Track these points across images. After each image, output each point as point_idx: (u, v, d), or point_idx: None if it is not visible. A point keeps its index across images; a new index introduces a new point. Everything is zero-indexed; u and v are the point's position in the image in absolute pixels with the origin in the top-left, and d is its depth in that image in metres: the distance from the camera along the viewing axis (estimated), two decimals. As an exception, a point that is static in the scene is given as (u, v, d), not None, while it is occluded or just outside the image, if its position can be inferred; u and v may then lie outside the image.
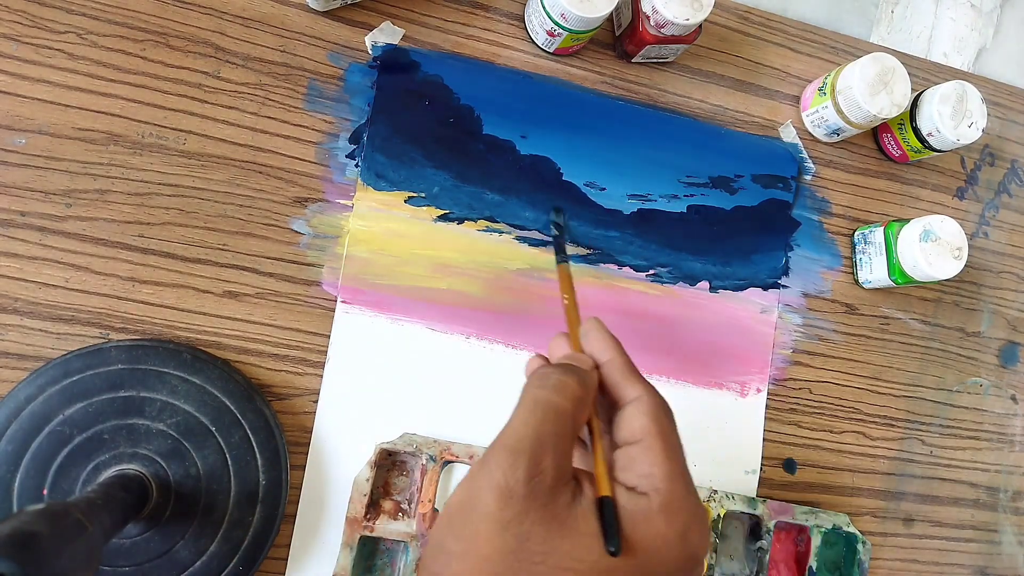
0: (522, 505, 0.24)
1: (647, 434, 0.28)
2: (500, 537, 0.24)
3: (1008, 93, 0.60)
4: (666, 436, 0.28)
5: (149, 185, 0.43)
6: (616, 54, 0.51)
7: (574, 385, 0.28)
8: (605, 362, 0.31)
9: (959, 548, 0.55)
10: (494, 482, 0.25)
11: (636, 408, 0.28)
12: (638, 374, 0.30)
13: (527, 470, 0.25)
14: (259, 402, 0.42)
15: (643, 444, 0.27)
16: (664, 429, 0.28)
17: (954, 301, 0.56)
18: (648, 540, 0.25)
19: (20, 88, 0.41)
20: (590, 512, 0.26)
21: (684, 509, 0.26)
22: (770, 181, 0.53)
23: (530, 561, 0.24)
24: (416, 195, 0.46)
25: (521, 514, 0.24)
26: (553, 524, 0.25)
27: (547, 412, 0.27)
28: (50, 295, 0.41)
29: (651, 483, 0.26)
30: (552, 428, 0.26)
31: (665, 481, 0.26)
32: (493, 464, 0.25)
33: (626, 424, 0.28)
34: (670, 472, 0.27)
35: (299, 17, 0.46)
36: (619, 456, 0.28)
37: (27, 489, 0.38)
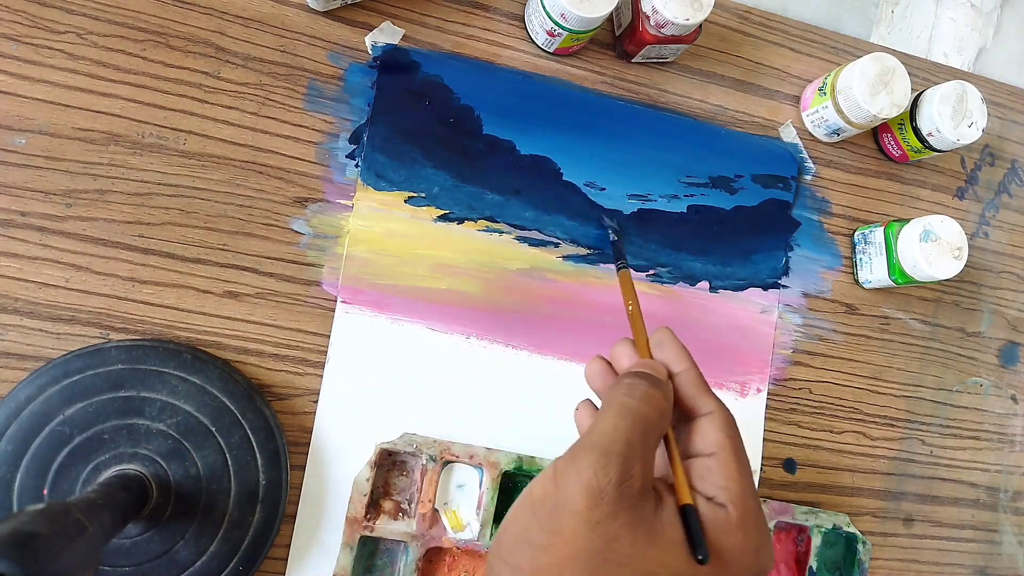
0: (612, 507, 0.25)
1: (722, 448, 0.28)
2: (588, 536, 0.25)
3: (1008, 93, 0.60)
4: (740, 453, 0.29)
5: (149, 185, 0.43)
6: (616, 54, 0.51)
7: (660, 398, 0.29)
8: (679, 373, 0.31)
9: (959, 548, 0.55)
10: (584, 481, 0.25)
11: (711, 422, 0.29)
12: (709, 388, 0.31)
13: (619, 473, 0.25)
14: (259, 402, 0.42)
15: (719, 457, 0.28)
16: (738, 446, 0.29)
17: (954, 301, 0.56)
18: (728, 551, 0.26)
19: (20, 88, 0.41)
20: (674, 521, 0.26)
21: (758, 526, 0.27)
22: (770, 181, 0.53)
23: (616, 563, 0.24)
24: (416, 195, 0.46)
25: (610, 516, 0.25)
26: (640, 529, 0.25)
27: (637, 421, 0.27)
28: (50, 295, 0.41)
29: (728, 496, 0.27)
30: (640, 437, 0.27)
31: (741, 496, 0.27)
32: (584, 463, 0.26)
33: (700, 437, 0.29)
34: (745, 488, 0.28)
35: (299, 17, 0.46)
36: (694, 466, 0.29)
37: (27, 489, 0.38)
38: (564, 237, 0.49)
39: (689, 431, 0.30)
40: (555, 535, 0.25)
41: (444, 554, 0.45)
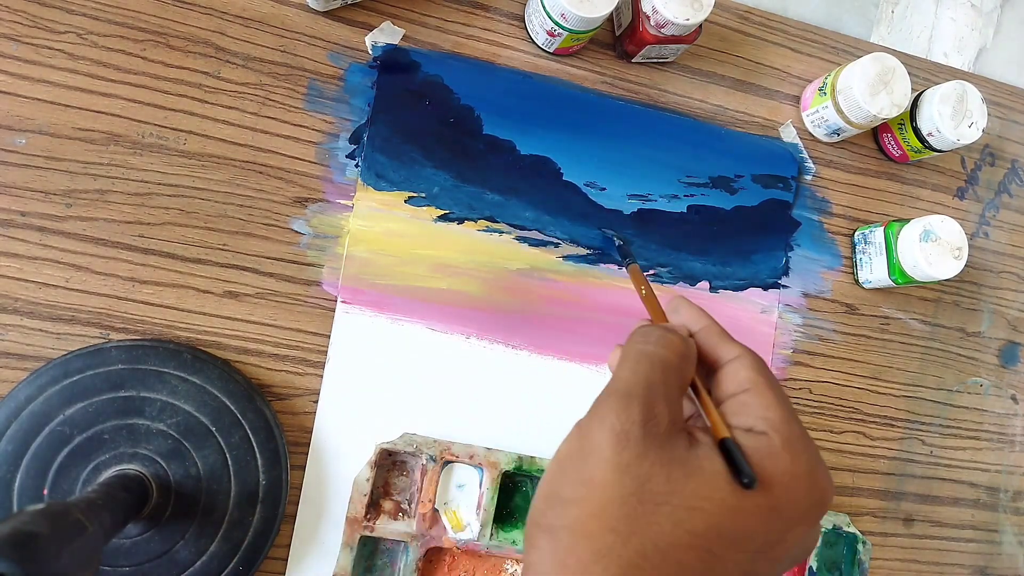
0: (639, 447, 0.24)
1: (755, 383, 0.27)
2: (619, 480, 0.24)
3: (1008, 93, 0.60)
4: (775, 385, 0.27)
5: (149, 185, 0.43)
6: (616, 54, 0.51)
7: (677, 341, 0.28)
8: (700, 329, 0.31)
9: (959, 548, 0.55)
10: (607, 425, 0.25)
11: (739, 363, 0.28)
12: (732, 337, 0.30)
13: (641, 413, 0.25)
14: (259, 402, 0.42)
15: (753, 391, 0.27)
16: (771, 380, 0.28)
17: (954, 301, 0.56)
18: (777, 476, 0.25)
19: (20, 88, 0.41)
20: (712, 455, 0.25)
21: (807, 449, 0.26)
22: (770, 181, 0.53)
23: (653, 503, 0.24)
24: (416, 195, 0.46)
25: (640, 456, 0.24)
26: (674, 465, 0.24)
27: (654, 363, 0.27)
28: (50, 295, 0.41)
29: (769, 424, 0.26)
30: (660, 377, 0.26)
31: (783, 423, 0.26)
32: (605, 409, 0.25)
33: (730, 378, 0.28)
34: (785, 415, 0.26)
35: (299, 17, 0.46)
36: (729, 405, 0.28)
37: (27, 489, 0.38)
38: (564, 237, 0.49)
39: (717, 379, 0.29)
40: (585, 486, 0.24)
41: (444, 554, 0.45)
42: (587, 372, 0.48)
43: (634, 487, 0.24)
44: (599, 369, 0.48)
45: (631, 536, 0.23)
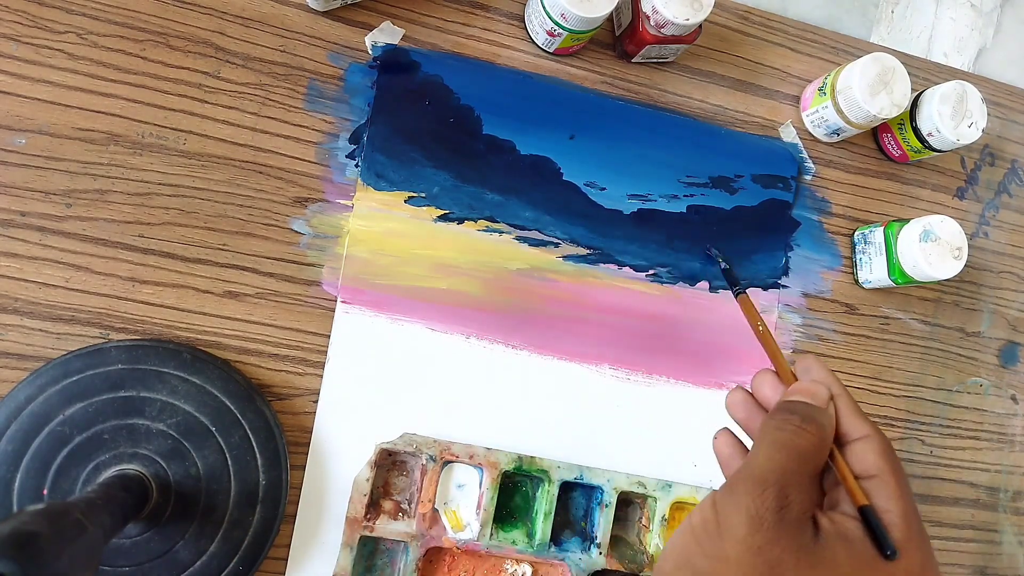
0: (772, 533, 0.25)
1: (881, 471, 0.28)
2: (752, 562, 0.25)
3: (1008, 93, 0.60)
4: (900, 475, 0.28)
5: (149, 185, 0.43)
6: (616, 54, 0.51)
7: (814, 430, 0.29)
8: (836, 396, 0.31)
9: (959, 548, 0.55)
10: (742, 507, 0.26)
11: (868, 445, 0.29)
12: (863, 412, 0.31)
13: (776, 500, 0.26)
14: (259, 402, 0.42)
15: (878, 480, 0.28)
16: (897, 468, 0.28)
17: (954, 301, 0.56)
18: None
19: (20, 88, 0.41)
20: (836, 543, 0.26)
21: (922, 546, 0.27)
22: (770, 181, 0.53)
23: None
24: (416, 195, 0.46)
25: (772, 541, 0.25)
26: (802, 554, 0.26)
27: (791, 452, 0.28)
28: (50, 295, 0.41)
29: (890, 518, 0.27)
30: (796, 467, 0.28)
31: (903, 518, 0.27)
32: (741, 491, 0.27)
33: (857, 459, 0.29)
34: (907, 510, 0.27)
35: (299, 17, 0.46)
36: None
37: (27, 489, 0.38)
38: (564, 237, 0.49)
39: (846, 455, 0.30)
40: (718, 561, 0.26)
41: (444, 554, 0.45)
42: (587, 372, 0.48)
43: (765, 569, 0.25)
44: (599, 369, 0.48)
45: None
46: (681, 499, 0.47)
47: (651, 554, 0.47)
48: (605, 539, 0.46)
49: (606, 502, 0.46)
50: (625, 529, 0.48)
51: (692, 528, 0.27)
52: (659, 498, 0.47)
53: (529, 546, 0.45)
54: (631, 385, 0.49)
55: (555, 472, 0.46)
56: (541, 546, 0.45)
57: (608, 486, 0.46)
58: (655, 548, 0.47)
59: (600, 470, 0.46)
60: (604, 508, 0.46)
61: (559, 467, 0.46)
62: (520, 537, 0.45)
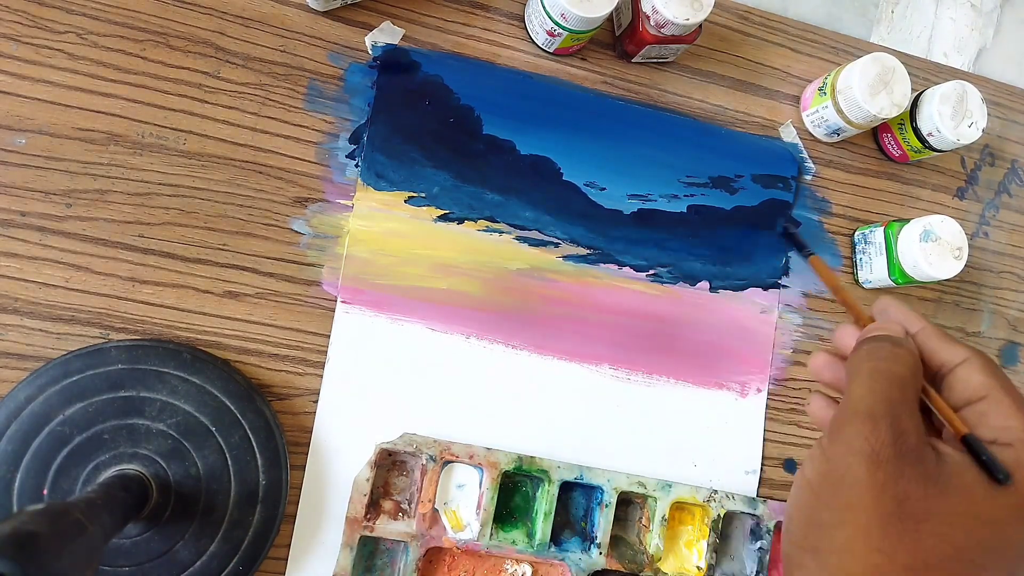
0: (893, 467, 0.24)
1: (991, 389, 0.27)
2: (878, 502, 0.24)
3: (1008, 93, 0.60)
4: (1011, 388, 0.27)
5: (149, 185, 0.43)
6: (616, 54, 0.51)
7: (905, 354, 0.28)
8: (917, 332, 0.30)
9: (959, 548, 0.55)
10: (857, 449, 0.25)
11: (969, 368, 0.28)
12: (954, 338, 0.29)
13: (890, 432, 0.25)
14: (259, 402, 0.42)
15: (990, 399, 0.27)
16: (1006, 382, 0.27)
17: (954, 301, 0.56)
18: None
19: (20, 88, 0.41)
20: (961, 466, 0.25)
21: None
22: (770, 181, 0.53)
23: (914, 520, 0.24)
24: (416, 195, 0.46)
25: (895, 476, 0.24)
26: (928, 482, 0.24)
27: (891, 380, 0.27)
28: (50, 295, 0.41)
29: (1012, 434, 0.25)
30: (900, 395, 0.26)
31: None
32: (851, 431, 0.25)
33: (961, 384, 0.27)
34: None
35: (299, 17, 0.46)
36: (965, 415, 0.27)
37: (27, 489, 0.38)
38: (564, 237, 0.49)
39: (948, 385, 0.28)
40: (844, 510, 0.25)
41: (444, 554, 0.45)
42: (587, 372, 0.48)
43: (893, 507, 0.24)
44: (599, 369, 0.48)
45: (897, 553, 0.24)
46: (681, 499, 0.47)
47: (651, 554, 0.47)
48: (605, 539, 0.46)
49: (606, 502, 0.46)
50: (625, 529, 0.48)
51: (808, 483, 0.26)
52: (659, 498, 0.47)
53: (529, 546, 0.45)
54: (631, 385, 0.49)
55: (555, 472, 0.46)
56: (541, 546, 0.45)
57: (608, 486, 0.46)
58: (655, 548, 0.47)
59: (600, 470, 0.46)
60: (604, 508, 0.46)
61: (559, 467, 0.46)
62: (520, 537, 0.45)
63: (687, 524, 0.49)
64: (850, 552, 0.24)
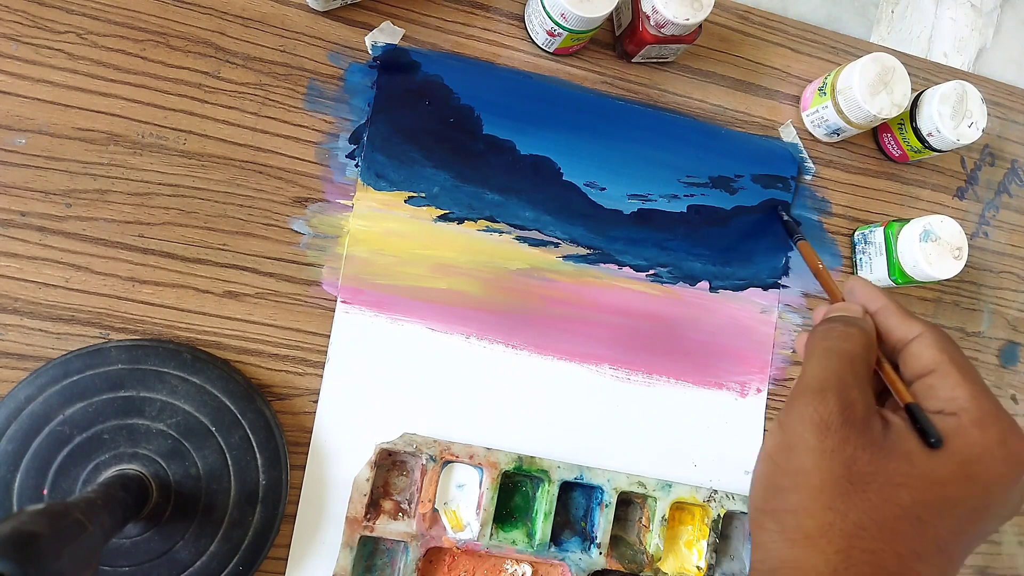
0: (841, 433, 0.26)
1: (940, 362, 0.28)
2: (827, 465, 0.26)
3: (1008, 93, 0.60)
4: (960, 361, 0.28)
5: (149, 185, 0.43)
6: (616, 54, 0.51)
7: (857, 332, 0.30)
8: (878, 309, 0.32)
9: (959, 548, 0.55)
10: (807, 417, 0.27)
11: (922, 342, 0.29)
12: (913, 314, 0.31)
13: (838, 402, 0.27)
14: (259, 402, 0.42)
15: (938, 372, 0.28)
16: (956, 356, 0.29)
17: (954, 301, 0.56)
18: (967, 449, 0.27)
19: (20, 88, 0.41)
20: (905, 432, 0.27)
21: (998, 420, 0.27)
22: (770, 181, 0.53)
23: (862, 482, 0.26)
24: (416, 195, 0.46)
25: (842, 442, 0.26)
26: (874, 447, 0.27)
27: (840, 357, 0.29)
28: (50, 295, 0.41)
29: (957, 404, 0.27)
30: (849, 369, 0.28)
31: (971, 400, 0.27)
32: (802, 404, 0.27)
33: (914, 359, 0.29)
34: (973, 392, 0.27)
35: (299, 17, 0.46)
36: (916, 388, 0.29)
37: (27, 489, 0.38)
38: (564, 237, 0.49)
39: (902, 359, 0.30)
40: (798, 474, 0.27)
41: (444, 554, 0.45)
42: (587, 372, 0.48)
43: (842, 470, 0.26)
44: (599, 369, 0.48)
45: (848, 511, 0.26)
46: (681, 499, 0.47)
47: (651, 554, 0.47)
48: (605, 539, 0.46)
49: (606, 502, 0.46)
50: (625, 529, 0.48)
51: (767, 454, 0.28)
52: (659, 498, 0.47)
53: (529, 546, 0.45)
54: (631, 385, 0.49)
55: (555, 472, 0.46)
56: (541, 546, 0.45)
57: (608, 486, 0.46)
58: (655, 548, 0.47)
59: (600, 470, 0.46)
60: (604, 508, 0.46)
61: (559, 467, 0.46)
62: (520, 537, 0.45)
63: (687, 524, 0.49)
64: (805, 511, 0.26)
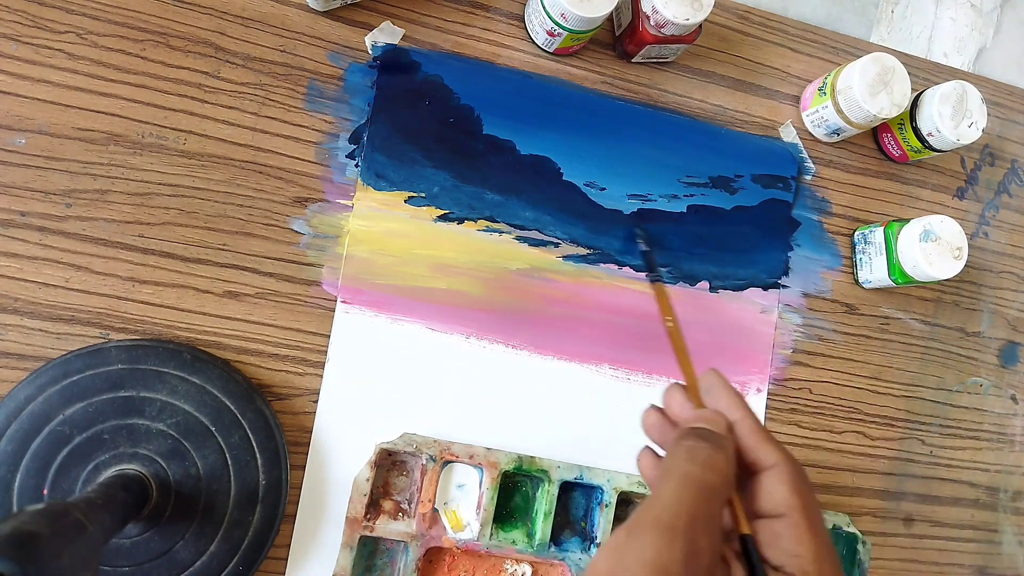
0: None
1: (791, 508, 0.27)
2: None
3: (1008, 93, 0.60)
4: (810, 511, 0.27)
5: (149, 185, 0.43)
6: (616, 54, 0.51)
7: (722, 461, 0.27)
8: (736, 421, 0.29)
9: (959, 548, 0.55)
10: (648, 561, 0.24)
11: (776, 478, 0.27)
12: (771, 436, 0.29)
13: (684, 550, 0.24)
14: (259, 402, 0.42)
15: (788, 520, 0.27)
16: (808, 502, 0.27)
17: (954, 301, 0.56)
18: None
19: (20, 88, 0.41)
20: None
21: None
22: (770, 181, 0.53)
23: None
24: (416, 195, 0.46)
25: None
26: None
27: (700, 490, 0.26)
28: (50, 295, 0.41)
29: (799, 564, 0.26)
30: (705, 508, 0.25)
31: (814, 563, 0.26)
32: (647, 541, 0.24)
33: (766, 495, 0.27)
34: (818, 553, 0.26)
35: (299, 17, 0.46)
36: (762, 530, 0.27)
37: (27, 489, 0.38)
38: (564, 237, 0.49)
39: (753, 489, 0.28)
40: None
41: (444, 554, 0.45)
42: (587, 372, 0.48)
43: None
44: (599, 369, 0.48)
45: None
46: (681, 499, 0.47)
47: (651, 554, 0.47)
48: (605, 539, 0.46)
49: (606, 502, 0.46)
50: (625, 529, 0.48)
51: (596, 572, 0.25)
52: (659, 498, 0.47)
53: (529, 546, 0.45)
54: (631, 385, 0.49)
55: (555, 472, 0.46)
56: (541, 546, 0.45)
57: (608, 486, 0.46)
58: (655, 548, 0.46)
59: (600, 470, 0.46)
60: (604, 508, 0.46)
61: (559, 467, 0.46)
62: (520, 537, 0.45)
63: (687, 524, 0.49)
64: None
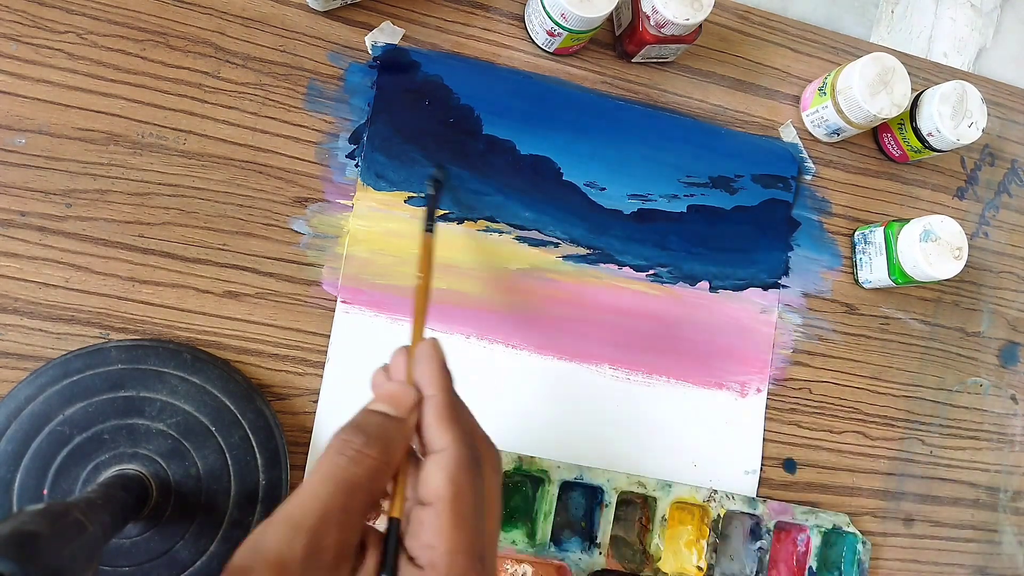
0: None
1: (439, 498, 0.26)
2: None
3: (1008, 93, 0.60)
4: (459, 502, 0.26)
5: (149, 185, 0.43)
6: (616, 54, 0.51)
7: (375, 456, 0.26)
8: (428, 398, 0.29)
9: (959, 548, 0.55)
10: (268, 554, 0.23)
11: (436, 464, 0.27)
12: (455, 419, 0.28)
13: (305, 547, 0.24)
14: (259, 402, 0.42)
15: (433, 509, 0.26)
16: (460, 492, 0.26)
17: (954, 301, 0.56)
18: None
19: (20, 88, 0.41)
20: None
21: None
22: (770, 181, 0.53)
23: None
24: (416, 195, 0.46)
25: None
26: None
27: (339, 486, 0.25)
28: (50, 295, 0.41)
29: (430, 556, 0.25)
30: (342, 503, 0.25)
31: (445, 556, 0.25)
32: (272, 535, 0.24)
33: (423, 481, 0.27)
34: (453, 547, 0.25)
35: (299, 17, 0.46)
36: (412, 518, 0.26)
37: (27, 489, 0.38)
38: (564, 237, 0.49)
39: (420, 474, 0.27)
40: None
41: (444, 554, 0.45)
42: (587, 372, 0.48)
43: None
44: (599, 369, 0.48)
45: None
46: (681, 499, 0.47)
47: (651, 554, 0.47)
48: (605, 539, 0.46)
49: (606, 502, 0.46)
50: (625, 529, 0.48)
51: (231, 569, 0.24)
52: (659, 498, 0.47)
53: (529, 546, 0.45)
54: (631, 385, 0.49)
55: (555, 472, 0.46)
56: (541, 546, 0.45)
57: (608, 486, 0.46)
58: (655, 548, 0.47)
59: (600, 470, 0.46)
60: (604, 508, 0.46)
61: (559, 467, 0.46)
62: (520, 537, 0.45)
63: (687, 524, 0.49)
64: None
